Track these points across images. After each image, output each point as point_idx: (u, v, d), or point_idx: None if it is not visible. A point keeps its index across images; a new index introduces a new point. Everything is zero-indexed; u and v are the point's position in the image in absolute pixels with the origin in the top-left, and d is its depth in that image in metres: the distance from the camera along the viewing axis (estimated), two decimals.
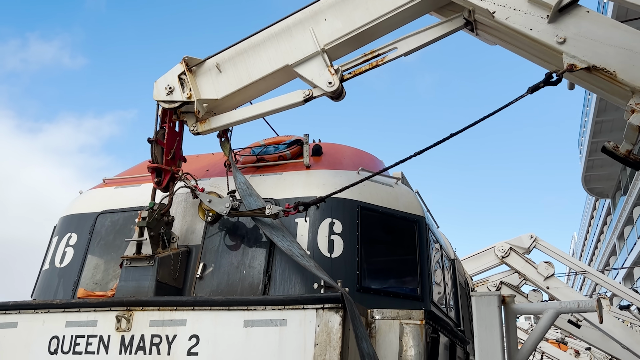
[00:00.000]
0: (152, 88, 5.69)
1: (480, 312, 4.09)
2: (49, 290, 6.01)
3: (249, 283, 5.28)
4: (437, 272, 6.21)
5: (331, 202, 5.37)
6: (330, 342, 4.19)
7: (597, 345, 17.08)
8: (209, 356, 4.48)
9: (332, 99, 5.28)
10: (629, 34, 4.20)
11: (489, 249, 15.09)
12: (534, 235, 15.14)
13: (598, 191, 46.62)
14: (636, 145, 4.16)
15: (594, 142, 37.51)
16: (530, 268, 14.83)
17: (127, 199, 6.20)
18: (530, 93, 4.40)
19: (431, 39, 5.12)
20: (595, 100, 33.96)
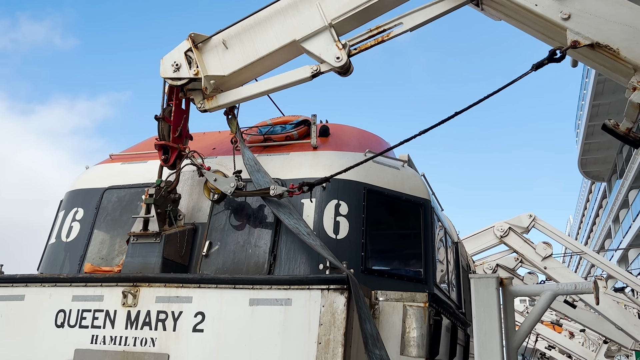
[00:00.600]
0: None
1: (478, 294, 4.11)
2: (55, 264, 6.03)
3: (255, 262, 5.30)
4: (441, 255, 6.22)
5: (337, 183, 5.37)
6: (335, 323, 4.22)
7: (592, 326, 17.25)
8: (214, 333, 4.51)
9: (339, 74, 5.25)
10: (633, 12, 4.17)
11: (488, 229, 15.13)
12: (533, 215, 15.17)
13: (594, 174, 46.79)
14: (636, 123, 4.17)
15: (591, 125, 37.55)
16: (529, 248, 14.89)
17: (133, 175, 6.19)
18: (534, 70, 4.36)
19: (437, 14, 5.06)
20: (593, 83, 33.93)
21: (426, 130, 4.79)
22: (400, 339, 4.68)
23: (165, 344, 4.61)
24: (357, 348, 4.36)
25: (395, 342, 4.67)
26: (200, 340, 4.53)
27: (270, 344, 4.35)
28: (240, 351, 4.41)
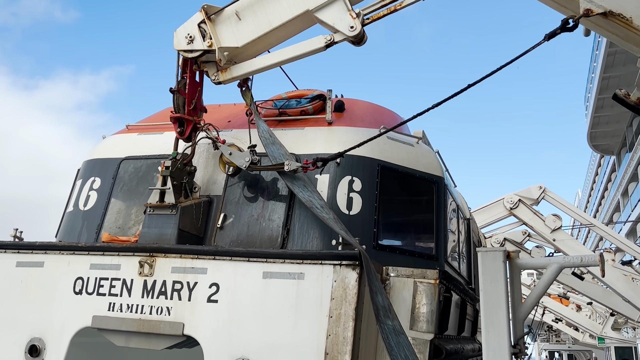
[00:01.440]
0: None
1: (485, 266, 4.12)
2: (73, 232, 6.10)
3: (268, 235, 5.33)
4: (453, 231, 6.22)
5: (352, 160, 5.37)
6: (346, 297, 4.26)
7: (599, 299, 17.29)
8: (228, 304, 4.56)
9: (353, 43, 5.18)
10: None
11: (497, 201, 15.07)
12: (543, 187, 15.07)
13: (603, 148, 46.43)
14: None
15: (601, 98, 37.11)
16: (538, 220, 14.82)
17: (150, 146, 6.20)
18: (547, 40, 4.28)
19: None
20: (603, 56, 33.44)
21: (439, 104, 4.77)
22: (410, 314, 4.70)
23: (180, 313, 4.67)
24: (368, 322, 4.41)
25: (405, 317, 4.69)
26: (214, 311, 4.59)
27: (283, 317, 4.40)
28: (253, 322, 4.47)
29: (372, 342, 4.46)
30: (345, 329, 4.18)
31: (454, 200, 6.40)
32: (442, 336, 4.95)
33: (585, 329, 31.56)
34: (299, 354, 4.28)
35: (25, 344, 5.02)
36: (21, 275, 5.27)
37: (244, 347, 4.41)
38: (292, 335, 4.34)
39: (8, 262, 5.35)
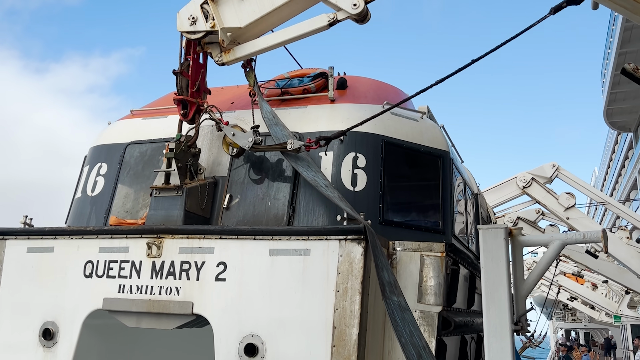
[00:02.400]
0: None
1: (486, 244, 4.09)
2: (82, 217, 6.15)
3: (274, 214, 5.34)
4: (460, 206, 6.20)
5: (355, 136, 5.35)
6: (352, 272, 4.29)
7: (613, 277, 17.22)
8: (236, 282, 4.60)
9: (356, 21, 5.11)
10: None
11: (510, 180, 15.00)
12: (556, 165, 14.96)
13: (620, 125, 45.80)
14: None
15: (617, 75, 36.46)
16: (551, 198, 14.75)
17: (154, 130, 6.21)
18: (553, 14, 4.21)
19: None
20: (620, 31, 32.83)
21: (443, 80, 4.73)
22: (418, 287, 4.73)
23: (189, 292, 4.72)
24: (375, 296, 4.43)
25: (412, 290, 4.72)
26: (222, 289, 4.63)
27: (290, 292, 4.44)
28: (261, 299, 4.51)
29: (380, 315, 4.51)
30: (353, 303, 4.23)
31: (460, 175, 6.37)
32: (450, 309, 4.97)
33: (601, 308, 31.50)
34: (308, 329, 4.34)
35: (39, 328, 5.11)
36: (32, 260, 5.33)
37: (253, 324, 4.46)
38: (300, 310, 4.38)
39: (19, 248, 5.43)
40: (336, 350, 4.17)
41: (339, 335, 4.20)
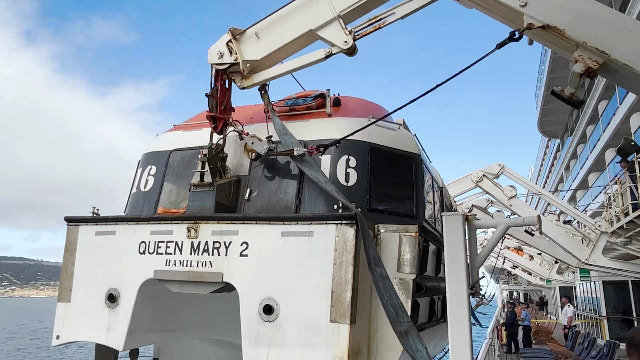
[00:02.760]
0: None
1: (448, 226, 4.09)
2: (136, 208, 6.11)
3: (285, 204, 5.29)
4: (429, 196, 6.15)
5: (348, 143, 5.27)
6: (346, 248, 4.27)
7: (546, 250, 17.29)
8: (255, 257, 4.58)
9: (347, 54, 5.08)
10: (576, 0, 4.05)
11: (466, 176, 15.12)
12: (502, 164, 15.12)
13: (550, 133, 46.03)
14: (578, 89, 4.05)
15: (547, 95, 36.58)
16: (498, 190, 14.89)
17: (191, 140, 6.15)
18: (498, 48, 4.22)
19: (423, 4, 4.86)
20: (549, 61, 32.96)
21: (414, 100, 4.73)
22: (397, 260, 4.70)
23: (219, 265, 4.70)
24: (364, 268, 4.40)
25: (393, 262, 4.70)
26: (245, 262, 4.61)
27: (298, 265, 4.42)
28: (274, 271, 4.49)
29: (367, 282, 4.46)
30: (347, 273, 4.21)
31: (429, 172, 6.31)
32: (422, 276, 4.93)
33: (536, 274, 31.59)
34: (312, 293, 4.31)
35: (105, 293, 5.12)
36: (100, 241, 5.34)
37: (269, 289, 4.45)
38: (306, 279, 4.36)
39: (89, 232, 5.43)
40: (334, 309, 4.17)
41: (336, 298, 4.19)
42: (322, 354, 4.10)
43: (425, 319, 5.42)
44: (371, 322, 4.56)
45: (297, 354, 4.20)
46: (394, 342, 4.37)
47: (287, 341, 4.26)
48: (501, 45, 4.22)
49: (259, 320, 4.39)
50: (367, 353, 4.46)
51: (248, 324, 4.43)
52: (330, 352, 4.07)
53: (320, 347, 4.13)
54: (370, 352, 4.49)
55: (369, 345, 4.50)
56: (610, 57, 3.82)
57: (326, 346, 4.11)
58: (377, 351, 4.49)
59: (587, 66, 3.83)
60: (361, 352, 4.33)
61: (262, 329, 4.36)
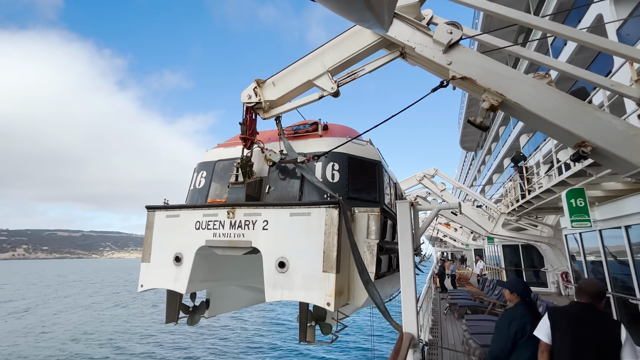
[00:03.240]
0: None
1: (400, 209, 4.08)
2: (194, 199, 6.05)
3: (292, 195, 5.26)
4: (387, 189, 6.13)
5: (333, 154, 5.25)
6: (333, 223, 4.24)
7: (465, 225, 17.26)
8: (273, 230, 4.53)
9: (333, 96, 5.04)
10: (483, 60, 3.99)
11: (412, 176, 15.10)
12: (436, 168, 15.13)
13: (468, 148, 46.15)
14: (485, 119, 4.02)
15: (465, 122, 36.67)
16: (434, 186, 14.86)
17: (230, 153, 6.10)
18: (432, 92, 4.19)
19: (383, 63, 4.82)
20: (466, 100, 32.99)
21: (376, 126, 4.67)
22: (366, 230, 4.67)
23: (249, 236, 4.65)
24: (344, 237, 4.37)
25: (363, 232, 4.67)
26: (266, 234, 4.56)
27: (301, 235, 4.37)
28: (286, 239, 4.44)
29: (347, 247, 4.43)
30: (333, 239, 4.18)
31: (387, 173, 6.29)
32: (383, 241, 4.91)
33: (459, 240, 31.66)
34: (310, 253, 4.27)
35: (173, 255, 5.06)
36: (169, 221, 5.27)
37: (283, 251, 4.41)
38: (306, 244, 4.31)
39: (162, 215, 5.35)
40: (325, 263, 4.14)
41: (327, 256, 4.16)
42: (318, 294, 4.07)
43: (386, 269, 5.41)
44: (349, 272, 4.54)
45: (301, 294, 4.17)
46: None
47: (295, 285, 4.23)
48: (434, 89, 4.20)
49: (275, 272, 4.35)
50: (347, 292, 4.43)
51: (268, 274, 4.40)
52: (323, 292, 4.05)
53: (317, 289, 4.10)
54: (350, 291, 4.46)
55: (349, 287, 4.48)
56: (506, 98, 3.80)
57: (320, 288, 4.08)
58: (354, 291, 4.46)
59: (491, 104, 3.80)
60: (343, 292, 4.30)
61: (278, 277, 4.33)
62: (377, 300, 3.96)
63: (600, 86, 3.71)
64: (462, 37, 4.13)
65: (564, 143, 3.83)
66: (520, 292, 3.71)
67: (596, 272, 8.89)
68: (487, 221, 15.76)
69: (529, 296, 3.73)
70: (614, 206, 7.90)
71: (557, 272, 15.94)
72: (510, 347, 3.37)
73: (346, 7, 1.68)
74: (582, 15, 12.67)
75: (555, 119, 3.61)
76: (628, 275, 7.64)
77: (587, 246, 9.27)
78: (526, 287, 3.79)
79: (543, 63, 3.94)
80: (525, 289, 3.77)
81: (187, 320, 5.91)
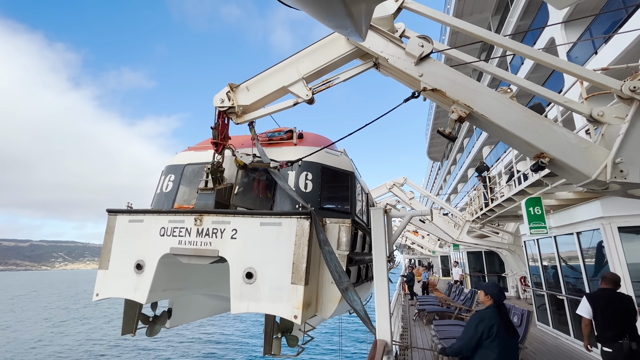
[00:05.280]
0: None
1: (374, 216, 4.13)
2: (159, 204, 5.75)
3: (263, 203, 5.13)
4: (359, 199, 6.18)
5: (306, 163, 5.18)
6: (303, 234, 4.17)
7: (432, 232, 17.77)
8: (241, 239, 4.39)
9: (308, 103, 5.00)
10: (453, 73, 4.14)
11: (382, 185, 15.38)
12: (405, 177, 15.51)
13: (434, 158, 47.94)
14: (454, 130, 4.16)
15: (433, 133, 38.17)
16: (403, 194, 15.22)
17: (200, 157, 5.88)
18: (405, 102, 4.28)
19: (357, 72, 4.88)
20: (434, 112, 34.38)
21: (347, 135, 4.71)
22: (337, 241, 4.63)
23: (216, 245, 4.47)
24: (315, 247, 4.31)
25: (334, 243, 4.63)
26: (234, 243, 4.41)
27: (271, 245, 4.27)
28: (255, 249, 4.32)
29: (317, 258, 4.37)
30: (303, 250, 4.11)
31: (359, 183, 6.34)
32: (353, 252, 4.89)
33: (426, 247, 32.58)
34: (280, 264, 4.16)
35: (134, 263, 4.76)
36: (132, 226, 4.96)
37: (251, 262, 4.26)
38: (276, 254, 4.20)
39: (125, 220, 5.03)
40: (294, 275, 4.05)
41: (296, 267, 4.07)
42: (285, 306, 3.98)
43: (355, 280, 5.40)
44: (318, 283, 4.46)
45: (268, 306, 4.05)
46: (333, 296, 4.31)
47: (262, 297, 4.10)
48: (406, 100, 4.28)
49: (242, 282, 4.20)
50: (315, 303, 4.36)
51: (235, 284, 4.23)
52: (290, 304, 3.96)
53: (284, 301, 4.00)
54: (318, 303, 4.38)
55: (317, 298, 4.40)
56: (473, 110, 3.95)
57: (288, 300, 3.99)
58: (322, 302, 4.39)
59: (460, 115, 3.93)
60: (311, 303, 4.23)
61: (245, 289, 4.18)
62: (357, 306, 3.93)
63: (555, 102, 4.00)
64: (433, 50, 4.30)
65: (525, 154, 4.07)
66: (494, 295, 3.84)
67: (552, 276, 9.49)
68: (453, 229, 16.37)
69: (501, 301, 3.86)
70: (566, 214, 8.51)
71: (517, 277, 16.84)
72: (475, 347, 3.48)
73: (326, 13, 1.69)
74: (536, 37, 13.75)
75: (517, 131, 3.83)
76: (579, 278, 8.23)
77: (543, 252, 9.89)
78: (501, 293, 3.91)
79: (506, 79, 4.18)
80: (499, 294, 3.89)
81: (146, 331, 5.56)
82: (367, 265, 6.52)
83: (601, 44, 9.83)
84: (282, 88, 5.10)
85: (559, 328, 9.30)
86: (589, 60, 10.15)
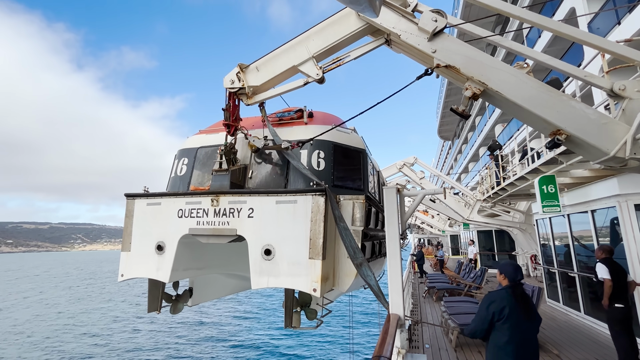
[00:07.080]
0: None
1: (387, 195, 4.14)
2: (175, 187, 5.89)
3: (278, 183, 5.22)
4: (371, 177, 6.19)
5: (318, 142, 5.21)
6: (319, 211, 4.25)
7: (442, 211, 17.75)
8: (258, 218, 4.49)
9: (318, 83, 4.96)
10: (467, 49, 4.04)
11: (392, 165, 15.30)
12: (416, 157, 15.40)
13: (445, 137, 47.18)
14: (467, 107, 4.09)
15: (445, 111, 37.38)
16: (413, 173, 15.15)
17: (212, 139, 5.95)
18: (417, 79, 4.18)
19: (368, 50, 4.79)
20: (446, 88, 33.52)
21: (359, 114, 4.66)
22: (352, 217, 4.71)
23: (234, 224, 4.60)
24: (331, 224, 4.40)
25: (349, 219, 4.71)
26: (252, 222, 4.52)
27: (287, 223, 4.37)
28: (272, 227, 4.43)
29: (332, 233, 4.46)
30: (319, 226, 4.19)
31: (371, 161, 6.34)
32: (367, 228, 4.98)
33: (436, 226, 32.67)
34: (297, 240, 4.28)
35: (155, 244, 4.94)
36: (150, 209, 5.12)
37: (268, 239, 4.39)
38: (292, 231, 4.31)
39: (143, 203, 5.18)
40: (311, 250, 4.16)
41: (313, 243, 4.18)
42: (304, 280, 4.10)
43: (369, 255, 5.51)
44: (335, 258, 4.57)
45: (288, 281, 4.19)
46: (350, 270, 4.43)
47: (281, 272, 4.23)
48: (419, 77, 4.20)
49: (261, 259, 4.34)
50: (333, 278, 4.49)
51: (254, 262, 4.38)
52: (309, 278, 4.08)
53: (303, 276, 4.12)
54: (334, 277, 4.51)
55: (334, 273, 4.53)
56: (488, 87, 3.88)
57: (306, 275, 4.11)
58: (339, 277, 4.51)
59: (474, 92, 3.87)
60: (329, 278, 4.35)
61: (264, 265, 4.32)
62: (371, 281, 4.03)
63: (574, 77, 3.89)
64: (447, 25, 4.18)
65: (541, 131, 4.00)
66: (508, 274, 3.66)
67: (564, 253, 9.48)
68: (463, 208, 16.33)
69: (517, 280, 3.65)
70: (581, 192, 8.39)
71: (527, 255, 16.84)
72: (488, 328, 3.49)
73: None
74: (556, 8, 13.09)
75: (534, 108, 3.76)
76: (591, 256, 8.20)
77: (556, 231, 9.84)
78: (516, 272, 3.69)
79: (523, 53, 4.06)
80: (514, 273, 3.68)
81: (169, 308, 5.84)
82: (380, 242, 6.63)
83: (625, 13, 9.32)
84: (292, 67, 5.06)
85: (569, 305, 9.38)
86: (611, 32, 9.67)
